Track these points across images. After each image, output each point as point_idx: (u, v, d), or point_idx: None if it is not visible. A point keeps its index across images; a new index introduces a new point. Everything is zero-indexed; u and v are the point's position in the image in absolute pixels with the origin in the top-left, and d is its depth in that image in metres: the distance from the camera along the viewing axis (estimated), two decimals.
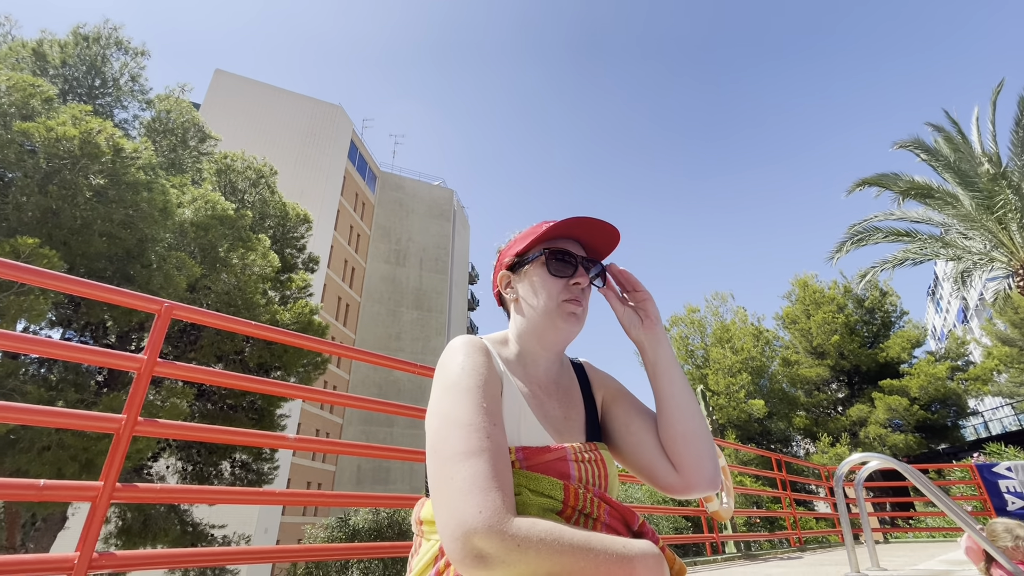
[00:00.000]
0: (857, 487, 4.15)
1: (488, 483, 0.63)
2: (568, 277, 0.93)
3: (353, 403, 2.96)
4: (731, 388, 19.73)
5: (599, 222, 0.91)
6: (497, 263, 1.03)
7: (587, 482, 0.80)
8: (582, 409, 0.95)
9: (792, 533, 7.44)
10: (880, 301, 20.48)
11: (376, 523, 13.21)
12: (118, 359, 2.41)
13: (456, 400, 0.74)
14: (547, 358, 0.95)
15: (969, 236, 10.95)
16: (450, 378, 0.78)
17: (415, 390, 34.94)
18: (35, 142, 6.83)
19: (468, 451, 0.66)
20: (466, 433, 0.69)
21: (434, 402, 0.78)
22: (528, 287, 0.94)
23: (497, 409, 0.76)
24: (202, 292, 9.23)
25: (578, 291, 0.93)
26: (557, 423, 0.88)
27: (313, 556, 2.80)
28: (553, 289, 0.91)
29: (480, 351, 0.83)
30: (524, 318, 0.94)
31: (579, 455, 0.82)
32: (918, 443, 17.29)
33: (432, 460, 0.70)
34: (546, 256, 0.93)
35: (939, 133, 10.92)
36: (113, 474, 2.08)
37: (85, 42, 10.22)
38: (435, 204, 43.16)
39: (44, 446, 6.93)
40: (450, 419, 0.71)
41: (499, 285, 1.01)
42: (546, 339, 0.92)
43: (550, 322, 0.90)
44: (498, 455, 0.68)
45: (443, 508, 0.63)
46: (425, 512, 0.81)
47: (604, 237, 0.94)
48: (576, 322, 0.91)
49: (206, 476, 11.65)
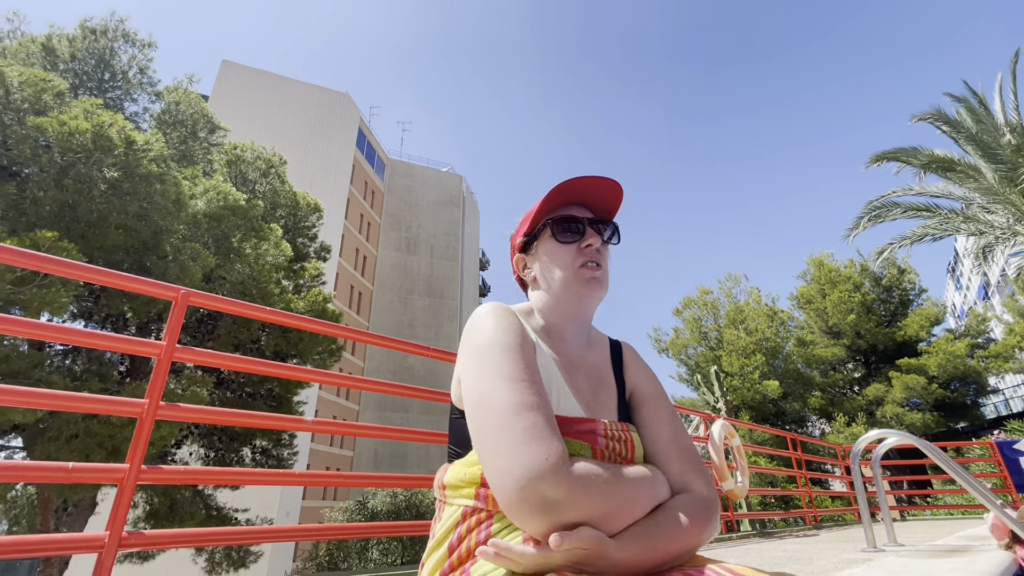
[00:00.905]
0: (874, 464, 4.12)
1: (549, 432, 0.64)
2: (578, 241, 0.90)
3: (369, 386, 3.00)
4: (745, 369, 19.63)
5: (595, 179, 0.88)
6: (512, 249, 1.02)
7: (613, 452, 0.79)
8: (613, 390, 0.91)
9: (808, 512, 7.44)
10: (898, 279, 20.13)
11: (394, 505, 13.51)
12: (138, 345, 2.47)
13: (500, 357, 0.72)
14: (573, 330, 0.92)
15: (991, 210, 10.66)
16: (487, 336, 0.76)
17: (429, 376, 35.29)
18: (49, 137, 6.92)
19: (523, 403, 0.66)
20: (517, 387, 0.68)
21: (471, 362, 0.75)
22: (542, 263, 0.92)
23: (538, 370, 0.75)
24: (217, 282, 9.36)
25: (592, 252, 0.89)
26: (586, 398, 0.85)
27: (331, 535, 2.86)
28: (566, 257, 0.89)
29: (512, 315, 0.82)
30: (545, 294, 0.92)
31: (609, 431, 0.80)
32: (936, 422, 17.10)
33: (481, 413, 0.68)
34: (552, 227, 0.91)
35: (960, 104, 10.58)
36: (138, 457, 2.14)
37: (93, 35, 10.26)
38: (444, 191, 43.05)
39: (72, 434, 7.14)
40: (497, 374, 0.70)
41: (517, 270, 1.00)
42: (569, 310, 0.90)
43: (570, 292, 0.88)
44: (549, 413, 0.68)
45: (503, 458, 0.63)
46: (449, 477, 0.79)
47: (606, 194, 0.92)
48: (598, 286, 0.88)
49: (228, 462, 11.94)
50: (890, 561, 2.81)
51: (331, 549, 12.96)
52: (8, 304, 6.67)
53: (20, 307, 6.76)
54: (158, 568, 13.42)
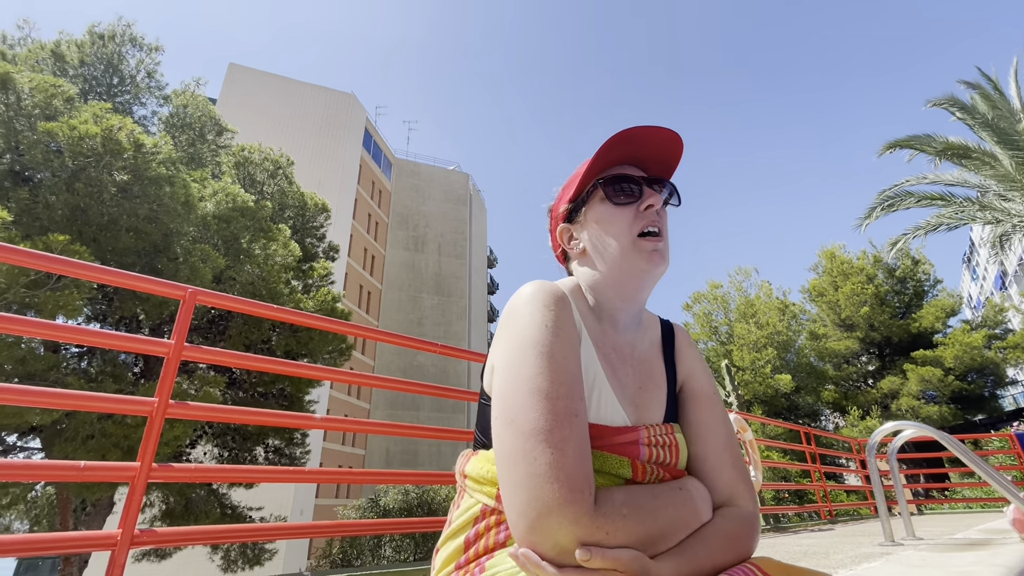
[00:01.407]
0: (891, 457, 4.06)
1: (575, 468, 0.58)
2: (635, 202, 0.79)
3: (379, 383, 2.99)
4: (756, 363, 19.45)
5: (651, 129, 0.76)
6: (552, 221, 0.92)
7: (656, 461, 0.73)
8: (662, 382, 0.82)
9: (822, 506, 7.35)
10: (912, 270, 19.82)
11: (406, 502, 13.58)
12: (147, 344, 2.48)
13: (538, 364, 0.64)
14: (627, 312, 0.82)
15: (1008, 197, 10.44)
16: (529, 333, 0.67)
17: (439, 374, 35.41)
18: (60, 141, 7.01)
19: (552, 428, 0.60)
20: (551, 406, 0.61)
21: (507, 360, 0.67)
22: (593, 231, 0.81)
23: (580, 376, 0.67)
24: (227, 283, 9.44)
25: (652, 216, 0.79)
26: (632, 395, 0.78)
27: (342, 532, 2.87)
28: (622, 221, 0.78)
29: (561, 303, 0.71)
30: (597, 268, 0.81)
31: (653, 438, 0.73)
32: (953, 414, 16.84)
33: (508, 432, 0.62)
34: (603, 187, 0.80)
35: (974, 90, 10.36)
36: (149, 455, 2.15)
37: (101, 40, 10.38)
38: (451, 189, 43.09)
39: (88, 435, 7.24)
40: (531, 386, 0.63)
41: (561, 242, 0.88)
42: (626, 287, 0.79)
43: (628, 264, 0.77)
44: (583, 435, 0.62)
45: (521, 489, 0.58)
46: (471, 468, 0.76)
47: (663, 148, 0.80)
48: (660, 260, 0.77)
49: (241, 461, 12.06)
50: (909, 555, 2.76)
51: (344, 546, 13.06)
52: (23, 307, 6.77)
53: (35, 310, 6.86)
54: (175, 565, 13.61)
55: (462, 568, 0.69)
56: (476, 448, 0.80)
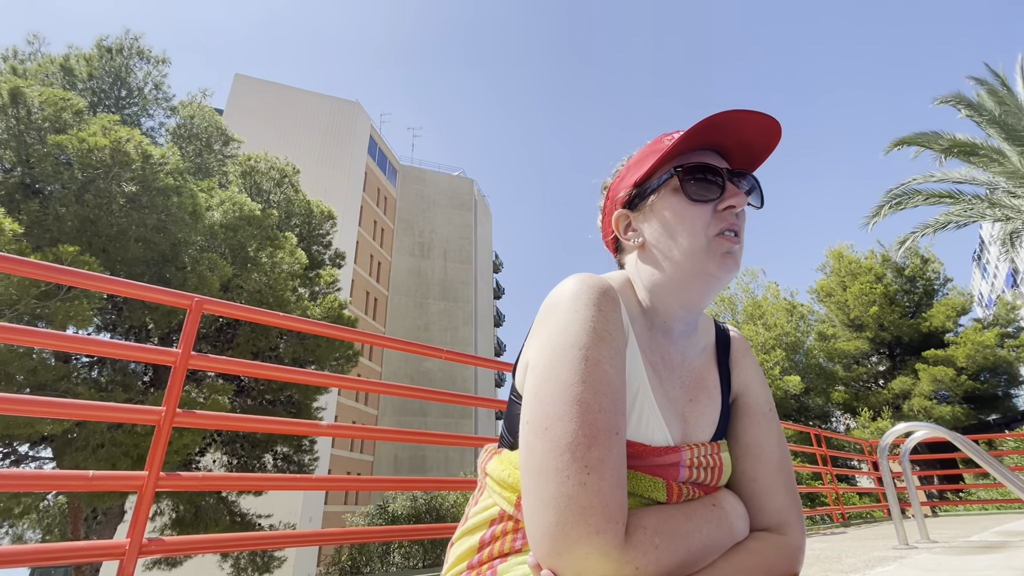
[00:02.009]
0: (903, 459, 4.00)
1: (610, 494, 0.53)
2: (715, 200, 0.70)
3: (385, 389, 2.99)
4: (765, 365, 19.28)
5: (748, 114, 0.66)
6: (607, 202, 0.81)
7: (694, 481, 0.67)
8: (716, 395, 0.75)
9: (835, 509, 7.26)
10: (921, 269, 19.60)
11: (414, 508, 13.57)
12: (154, 353, 2.50)
13: (580, 369, 0.58)
14: (683, 319, 0.74)
15: (1018, 194, 10.32)
16: (572, 333, 0.60)
17: (446, 380, 35.42)
18: (69, 154, 7.11)
19: (591, 446, 0.54)
20: (591, 420, 0.55)
21: (545, 360, 0.61)
22: (659, 225, 0.72)
23: (624, 388, 0.61)
24: (235, 291, 9.51)
25: (732, 217, 0.69)
26: (679, 408, 0.71)
27: (349, 539, 2.87)
28: (698, 221, 0.69)
29: (611, 302, 0.64)
30: (658, 267, 0.72)
31: (696, 459, 0.67)
32: (966, 414, 16.59)
33: (539, 440, 0.56)
34: (680, 176, 0.70)
35: (981, 86, 10.27)
36: (157, 463, 2.16)
37: (109, 54, 10.55)
38: (456, 195, 43.25)
39: (98, 444, 7.30)
40: (571, 394, 0.57)
41: (616, 229, 0.78)
42: (690, 294, 0.70)
43: (698, 268, 0.68)
44: (622, 456, 0.56)
45: (549, 509, 0.53)
46: (493, 468, 0.71)
47: (756, 136, 0.70)
48: (734, 265, 0.69)
49: (250, 468, 12.11)
50: (923, 559, 2.71)
51: (353, 553, 13.05)
52: (35, 318, 6.86)
53: (46, 320, 6.94)
54: (186, 573, 13.66)
55: (474, 568, 0.67)
56: (501, 446, 0.76)
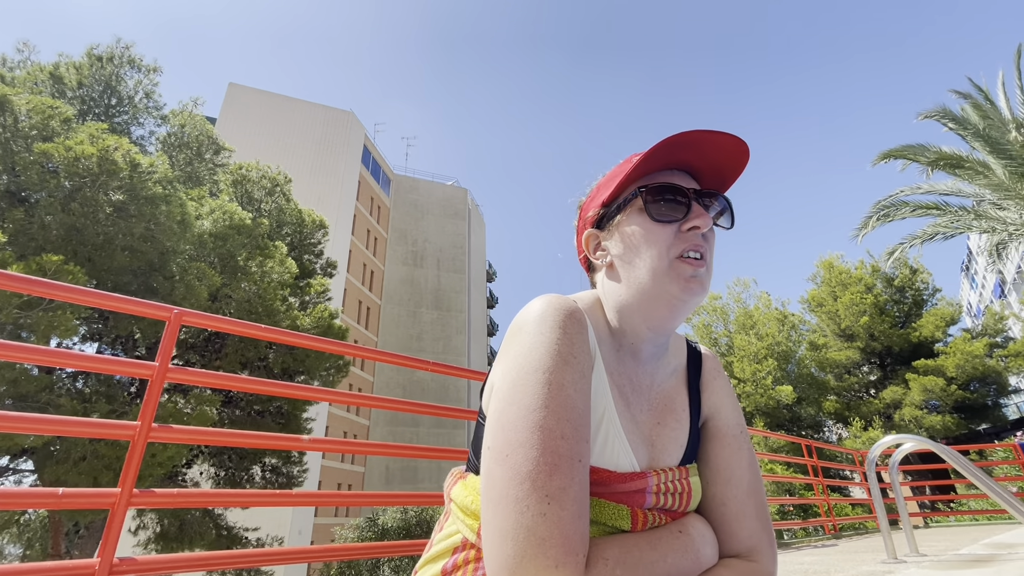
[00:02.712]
0: (892, 470, 3.99)
1: (571, 526, 0.51)
2: (679, 220, 0.68)
3: (372, 403, 2.95)
4: (757, 375, 19.34)
5: (712, 135, 0.66)
6: (579, 222, 0.81)
7: (661, 507, 0.65)
8: (684, 418, 0.74)
9: (826, 520, 7.23)
10: (910, 279, 19.80)
11: (404, 521, 13.39)
12: (130, 367, 2.44)
13: (543, 394, 0.56)
14: (651, 340, 0.72)
15: (1003, 206, 10.47)
16: (536, 356, 0.59)
17: (439, 390, 35.20)
18: (56, 162, 7.05)
19: (552, 474, 0.52)
20: (553, 447, 0.53)
21: (508, 384, 0.59)
22: (624, 246, 0.71)
23: (588, 413, 0.59)
24: (223, 301, 9.41)
25: (697, 239, 0.68)
26: (646, 431, 0.70)
27: (336, 556, 2.80)
28: (660, 241, 0.68)
29: (576, 324, 0.62)
30: (623, 287, 0.70)
31: (663, 485, 0.65)
32: (957, 424, 16.69)
33: (499, 468, 0.54)
34: (643, 197, 0.69)
35: (965, 100, 10.45)
36: (130, 480, 2.10)
37: (100, 62, 10.50)
38: (449, 204, 43.32)
39: (80, 456, 7.16)
40: (532, 420, 0.55)
41: (586, 249, 0.78)
42: (655, 315, 0.69)
43: (661, 290, 0.67)
44: (584, 484, 0.55)
45: (507, 541, 0.51)
46: (457, 493, 0.69)
47: (723, 157, 0.69)
48: (699, 288, 0.67)
49: (238, 481, 11.92)
50: (911, 573, 2.69)
51: (343, 567, 12.84)
52: (17, 328, 6.74)
53: (29, 330, 6.83)
54: None
55: None
56: (468, 470, 0.74)
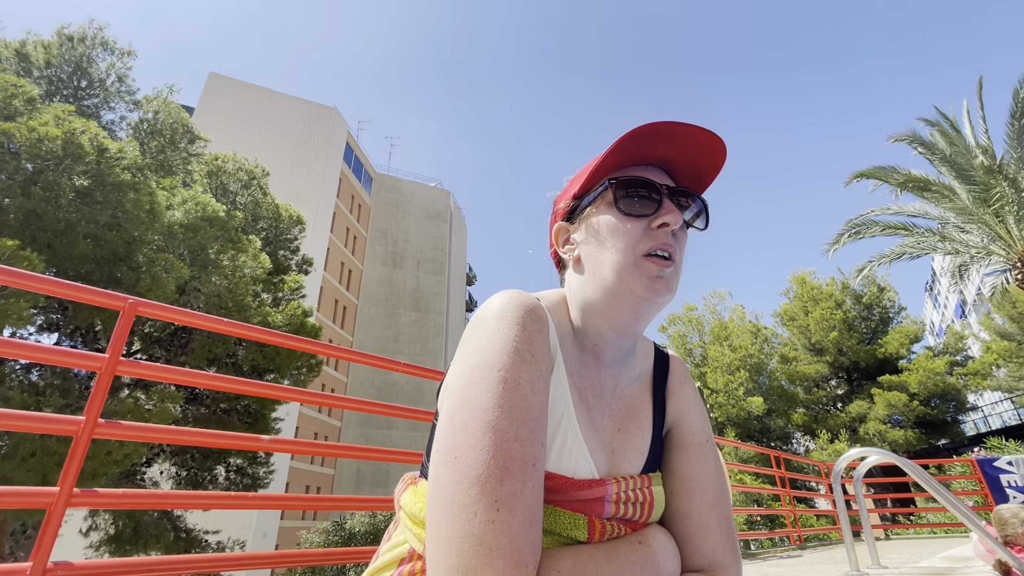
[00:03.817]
0: (856, 483, 4.06)
1: (521, 535, 0.47)
2: (649, 215, 0.65)
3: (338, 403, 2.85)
4: (730, 386, 19.65)
5: (687, 128, 0.63)
6: (552, 216, 0.78)
7: (621, 517, 0.62)
8: (647, 425, 0.70)
9: (792, 531, 7.34)
10: (878, 297, 20.43)
11: (373, 525, 13.15)
12: (76, 358, 2.31)
13: (497, 393, 0.53)
14: (615, 343, 0.69)
15: (966, 230, 10.88)
16: (492, 354, 0.55)
17: (414, 392, 34.80)
18: (17, 143, 6.72)
19: (502, 479, 0.48)
20: (505, 449, 0.50)
21: (461, 382, 0.56)
22: (591, 239, 0.68)
23: (545, 415, 0.56)
24: (191, 294, 9.11)
25: (666, 236, 0.65)
26: (607, 437, 0.67)
27: (295, 562, 2.68)
28: (628, 237, 0.64)
29: (536, 321, 0.59)
30: (588, 283, 0.67)
31: (623, 494, 0.62)
32: (918, 439, 17.23)
33: (446, 471, 0.51)
34: (613, 189, 0.66)
35: (933, 127, 10.86)
36: (71, 479, 1.97)
37: (70, 42, 10.10)
38: (432, 205, 43.06)
39: (30, 452, 6.80)
40: (484, 420, 0.51)
41: (556, 242, 0.75)
42: (618, 315, 0.65)
43: (625, 288, 0.63)
44: (537, 490, 0.51)
45: (452, 550, 0.47)
46: (407, 500, 0.65)
47: (699, 154, 0.66)
48: (664, 289, 0.63)
49: (200, 482, 11.52)
50: None
51: (306, 573, 12.53)
52: None
53: None
54: None
55: None
56: (421, 475, 0.69)
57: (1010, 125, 10.02)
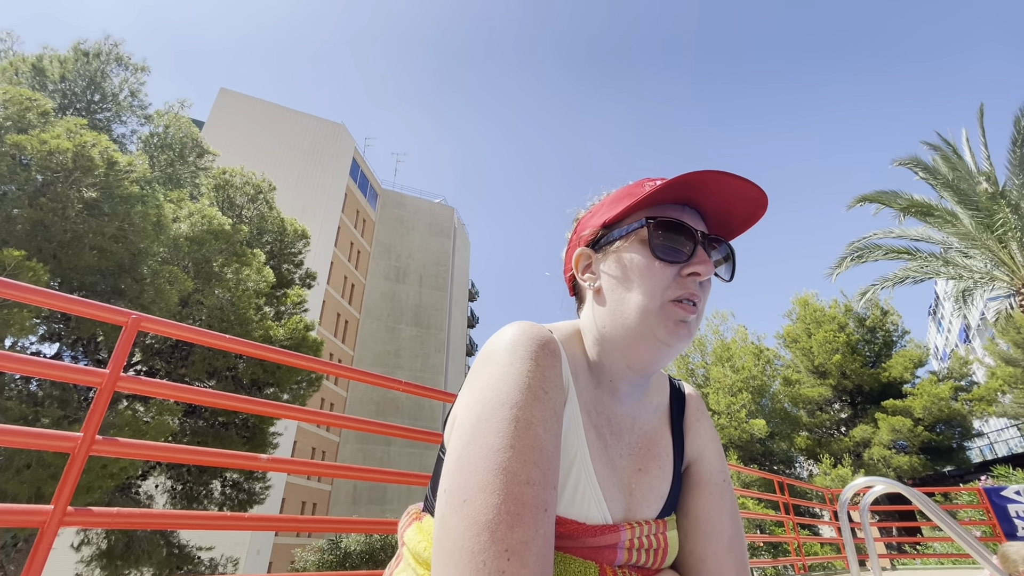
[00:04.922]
0: (862, 512, 3.97)
1: None
2: (681, 263, 0.64)
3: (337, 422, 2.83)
4: (732, 407, 19.46)
5: (735, 180, 0.61)
6: (573, 236, 0.75)
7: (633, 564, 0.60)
8: (668, 464, 0.68)
9: (796, 559, 7.18)
10: (881, 320, 20.33)
11: (368, 545, 12.93)
12: (77, 373, 2.29)
13: (509, 433, 0.51)
14: (631, 381, 0.68)
15: (969, 255, 10.87)
16: (504, 390, 0.53)
17: (413, 407, 34.55)
18: (29, 155, 6.81)
19: (514, 525, 0.46)
20: (517, 494, 0.48)
21: (471, 418, 0.54)
22: (617, 274, 0.66)
23: (558, 455, 0.54)
24: (194, 306, 9.12)
25: (694, 286, 0.64)
26: (625, 478, 0.65)
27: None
28: (656, 281, 0.63)
29: (550, 355, 0.58)
30: (607, 319, 0.66)
31: (637, 540, 0.60)
32: (923, 465, 16.96)
33: (455, 514, 0.49)
34: (650, 229, 0.64)
35: (935, 152, 10.93)
36: (65, 496, 1.95)
37: (85, 57, 10.31)
38: (436, 221, 43.32)
39: (25, 464, 6.74)
40: (495, 461, 0.49)
41: (575, 268, 0.72)
42: (636, 355, 0.64)
43: (646, 330, 0.62)
44: (549, 537, 0.49)
45: None
46: (411, 537, 0.63)
47: (740, 205, 0.65)
48: (686, 335, 0.63)
49: (196, 496, 11.38)
50: None
51: None
52: None
53: None
54: None
55: None
56: (425, 509, 0.67)
57: (1012, 152, 10.09)
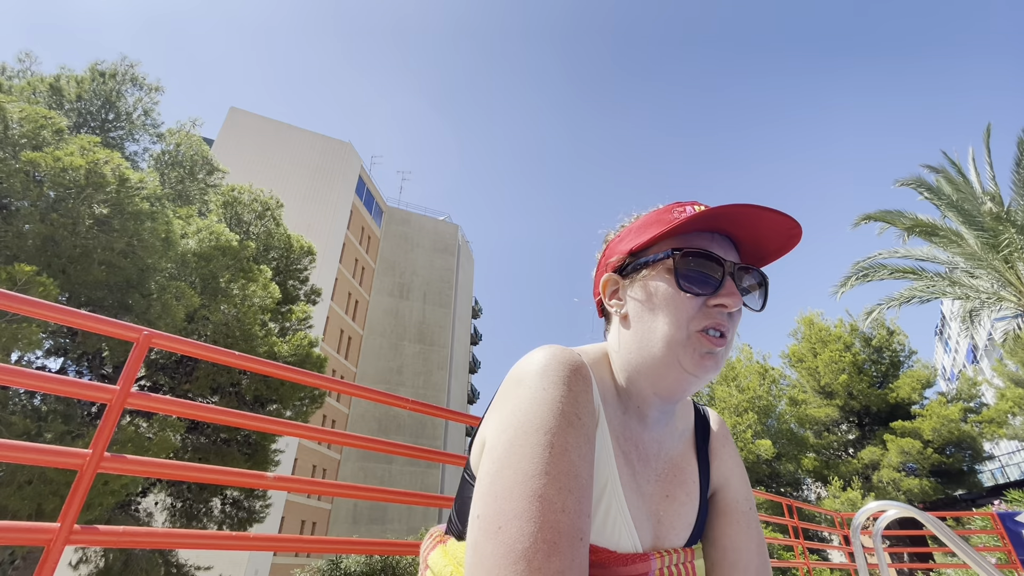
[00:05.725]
0: (875, 537, 3.89)
1: None
2: (708, 295, 0.63)
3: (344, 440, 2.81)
4: (738, 428, 19.23)
5: (768, 212, 0.61)
6: (602, 259, 0.75)
7: None
8: (695, 491, 0.69)
9: None
10: (887, 340, 20.17)
11: (369, 566, 12.71)
12: (87, 389, 2.30)
13: (543, 459, 0.50)
14: (659, 407, 0.68)
15: (975, 275, 10.83)
16: (537, 415, 0.53)
17: (415, 425, 34.30)
18: (42, 172, 6.93)
19: (550, 555, 0.45)
20: (553, 521, 0.47)
21: (504, 443, 0.53)
22: (644, 303, 0.65)
23: (591, 482, 0.53)
24: (200, 322, 9.16)
25: (722, 317, 0.63)
26: (653, 506, 0.64)
27: None
28: (683, 312, 0.62)
29: (583, 381, 0.57)
30: (634, 346, 0.66)
31: (666, 569, 0.60)
32: (934, 488, 16.65)
33: (489, 542, 0.48)
34: (676, 260, 0.64)
35: (938, 173, 10.98)
36: (72, 515, 1.94)
37: (102, 78, 10.57)
38: (440, 239, 43.58)
39: (26, 480, 6.71)
40: (530, 488, 0.48)
41: (602, 293, 0.73)
42: (663, 383, 0.64)
43: (672, 360, 0.62)
44: (583, 566, 0.48)
45: None
46: (436, 561, 0.63)
47: (773, 237, 0.65)
48: (713, 366, 0.62)
49: (196, 514, 11.27)
50: None
51: None
52: None
53: None
54: None
55: None
56: (449, 533, 0.67)
57: (1016, 173, 10.12)
